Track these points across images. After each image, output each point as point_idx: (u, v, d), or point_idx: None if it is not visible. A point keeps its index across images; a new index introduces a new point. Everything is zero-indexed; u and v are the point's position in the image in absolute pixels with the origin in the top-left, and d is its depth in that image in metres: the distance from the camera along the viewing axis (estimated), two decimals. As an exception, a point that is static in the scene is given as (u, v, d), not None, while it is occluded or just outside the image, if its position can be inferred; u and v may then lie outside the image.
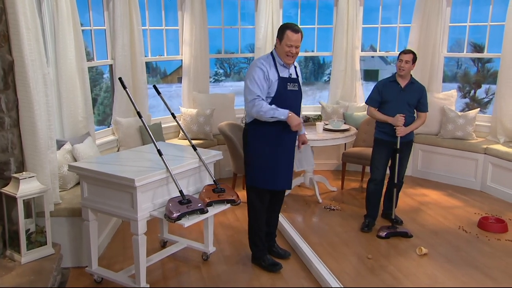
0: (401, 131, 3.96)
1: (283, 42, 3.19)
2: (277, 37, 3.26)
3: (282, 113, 3.18)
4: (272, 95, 3.23)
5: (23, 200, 3.02)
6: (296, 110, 3.35)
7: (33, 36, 3.16)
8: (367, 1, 6.06)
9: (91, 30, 4.68)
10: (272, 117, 3.17)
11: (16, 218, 3.08)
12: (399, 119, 3.93)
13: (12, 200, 3.03)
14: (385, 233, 4.01)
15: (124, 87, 3.19)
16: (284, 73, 3.29)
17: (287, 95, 3.27)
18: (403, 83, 4.03)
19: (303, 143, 3.68)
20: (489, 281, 3.32)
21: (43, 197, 3.14)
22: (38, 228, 3.20)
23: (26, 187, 3.03)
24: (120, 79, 3.24)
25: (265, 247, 3.57)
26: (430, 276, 3.39)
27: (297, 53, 3.23)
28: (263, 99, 3.20)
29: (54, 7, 3.83)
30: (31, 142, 3.23)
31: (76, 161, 3.80)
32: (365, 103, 4.26)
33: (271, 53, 3.32)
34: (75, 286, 3.25)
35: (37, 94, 3.19)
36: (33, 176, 3.10)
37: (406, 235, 4.02)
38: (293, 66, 3.37)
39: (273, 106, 3.19)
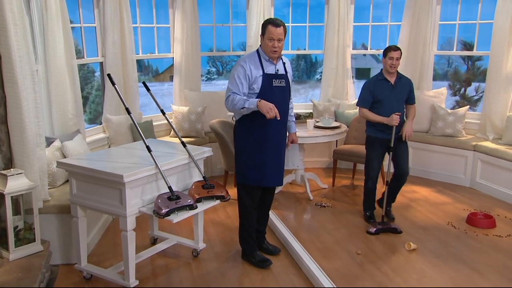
0: (409, 132, 4.02)
1: (265, 37, 3.20)
2: (260, 33, 3.28)
3: (252, 102, 3.14)
4: (257, 91, 3.23)
5: (11, 196, 3.01)
6: (283, 106, 3.31)
7: (21, 33, 3.15)
8: (358, 0, 6.09)
9: (81, 27, 4.67)
10: (243, 107, 3.15)
11: (4, 215, 3.07)
12: (394, 118, 3.91)
13: (0, 197, 3.02)
14: (375, 229, 4.03)
15: (113, 83, 3.19)
16: (270, 69, 3.27)
17: (272, 91, 3.25)
18: (392, 79, 4.05)
19: (292, 142, 3.67)
20: (477, 276, 3.35)
21: (32, 194, 3.14)
22: (26, 225, 3.19)
23: (14, 183, 3.02)
24: (109, 75, 3.24)
25: (255, 244, 3.58)
26: (418, 271, 3.41)
27: (280, 47, 3.21)
28: (238, 95, 3.21)
29: (43, 4, 3.82)
30: (19, 139, 3.22)
31: (65, 158, 3.78)
32: (357, 105, 4.23)
33: (257, 50, 3.32)
34: (64, 283, 3.24)
35: (25, 91, 3.18)
36: (21, 173, 3.09)
37: (395, 231, 4.04)
38: (281, 62, 3.35)
39: (244, 97, 3.18)
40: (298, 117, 5.40)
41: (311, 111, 5.92)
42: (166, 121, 5.49)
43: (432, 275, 3.36)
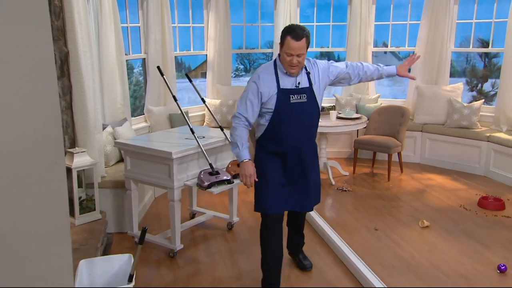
0: None
1: (283, 49, 2.75)
2: (279, 42, 2.82)
3: (240, 156, 2.86)
4: (272, 109, 2.83)
5: (76, 171, 3.55)
6: (303, 125, 2.89)
7: (85, 31, 3.69)
8: (379, 0, 6.47)
9: (127, 27, 5.21)
10: (234, 151, 2.94)
11: (70, 187, 3.60)
12: None
13: (67, 171, 3.55)
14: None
15: (162, 74, 3.70)
16: (287, 83, 2.83)
17: (289, 109, 2.82)
18: None
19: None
20: (484, 249, 3.71)
21: (93, 170, 3.67)
22: (88, 197, 3.73)
23: (79, 160, 3.55)
24: (158, 67, 3.75)
25: (270, 273, 3.09)
26: (430, 244, 3.80)
27: (300, 62, 2.76)
28: (245, 120, 2.87)
29: (98, 7, 4.35)
30: (82, 123, 3.76)
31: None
32: None
33: (275, 60, 2.90)
34: (119, 247, 3.75)
35: (88, 81, 3.72)
36: (84, 151, 3.62)
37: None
38: (303, 72, 2.89)
39: (238, 142, 2.85)
40: (322, 109, 5.79)
41: (334, 104, 6.33)
42: (200, 113, 6.06)
43: (442, 248, 3.74)
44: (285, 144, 2.89)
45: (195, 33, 6.13)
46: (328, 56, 11.72)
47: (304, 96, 2.84)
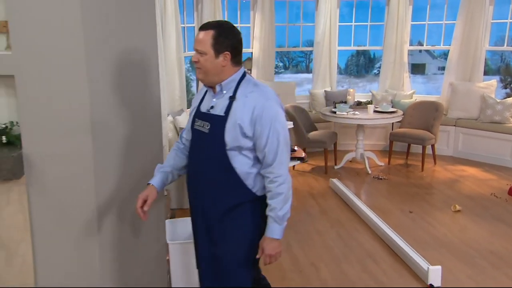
0: None
1: None
2: None
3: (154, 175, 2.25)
4: None
5: (147, 152, 4.09)
6: (201, 163, 2.05)
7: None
8: (416, 1, 6.80)
9: (184, 27, 5.76)
10: None
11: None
12: None
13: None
14: None
15: (222, 69, 4.19)
16: (206, 104, 2.07)
17: (193, 136, 2.10)
18: None
19: (263, 252, 2.03)
20: (512, 231, 4.05)
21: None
22: (155, 175, 4.28)
23: (149, 142, 4.10)
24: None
25: None
26: (461, 225, 4.16)
27: (201, 64, 1.93)
28: (182, 141, 2.26)
29: (163, 9, 4.91)
30: (151, 111, 4.30)
31: (176, 130, 4.86)
32: None
33: None
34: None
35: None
36: (153, 135, 4.17)
37: None
38: (227, 94, 1.99)
39: (162, 164, 2.33)
40: (359, 103, 6.18)
41: (371, 99, 6.70)
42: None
43: (473, 229, 4.09)
44: (195, 178, 2.16)
45: (242, 32, 6.62)
46: (363, 54, 12.10)
47: (207, 126, 2.01)
